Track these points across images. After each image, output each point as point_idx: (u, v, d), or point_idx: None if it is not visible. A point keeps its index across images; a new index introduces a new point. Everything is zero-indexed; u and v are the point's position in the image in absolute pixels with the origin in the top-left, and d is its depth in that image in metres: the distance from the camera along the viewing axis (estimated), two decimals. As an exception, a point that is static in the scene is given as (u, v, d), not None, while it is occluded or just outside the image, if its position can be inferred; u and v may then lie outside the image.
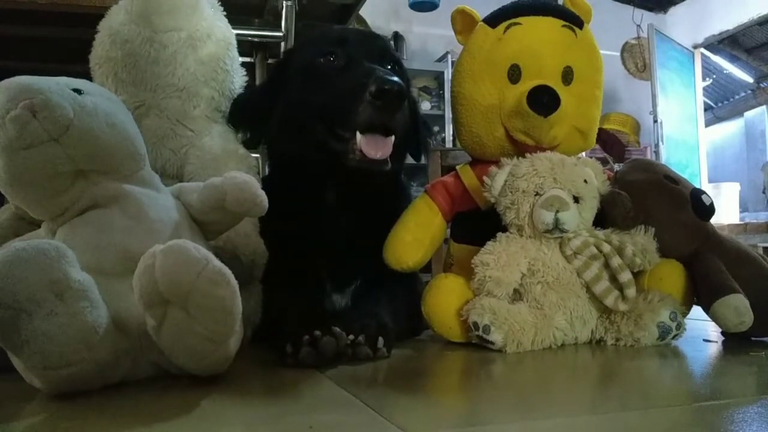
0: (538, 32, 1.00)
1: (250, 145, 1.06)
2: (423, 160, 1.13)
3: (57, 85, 0.68)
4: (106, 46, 0.97)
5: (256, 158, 1.48)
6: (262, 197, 0.77)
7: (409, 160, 1.13)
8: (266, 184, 0.81)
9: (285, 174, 1.05)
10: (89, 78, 0.95)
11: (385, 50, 1.03)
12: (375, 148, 0.89)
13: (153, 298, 0.59)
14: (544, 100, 0.94)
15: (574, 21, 1.02)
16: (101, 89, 0.78)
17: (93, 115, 0.69)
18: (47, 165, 0.67)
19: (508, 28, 1.00)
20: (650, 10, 4.72)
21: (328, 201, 1.01)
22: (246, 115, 1.05)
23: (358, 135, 0.90)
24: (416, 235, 1.00)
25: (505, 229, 0.92)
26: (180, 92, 0.98)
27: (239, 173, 0.78)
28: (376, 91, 0.87)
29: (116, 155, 0.72)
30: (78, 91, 0.70)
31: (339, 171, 0.94)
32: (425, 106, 3.92)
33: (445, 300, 0.90)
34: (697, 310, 0.93)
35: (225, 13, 1.07)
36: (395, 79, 0.88)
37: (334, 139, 0.94)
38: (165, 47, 0.96)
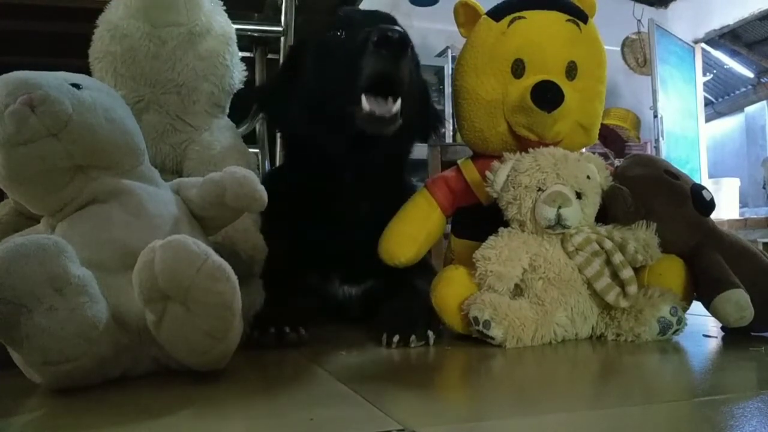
0: (542, 26, 0.99)
1: (272, 128, 1.13)
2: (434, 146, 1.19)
3: (56, 80, 0.68)
4: (105, 41, 0.96)
5: (256, 154, 1.48)
6: (262, 192, 0.77)
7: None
8: (279, 172, 0.85)
9: (302, 158, 1.07)
10: (88, 73, 0.94)
11: (390, 21, 1.02)
12: (380, 105, 0.89)
13: (152, 293, 0.59)
14: (547, 96, 0.93)
15: (579, 15, 1.01)
16: (100, 84, 0.78)
17: (92, 110, 0.69)
18: (46, 160, 0.67)
19: (512, 21, 0.99)
20: (651, 4, 4.70)
21: (345, 184, 1.02)
22: (270, 101, 1.11)
23: (363, 97, 0.89)
24: (411, 230, 1.00)
25: (506, 225, 0.92)
26: (179, 87, 0.98)
27: (239, 168, 0.78)
28: (378, 39, 0.86)
29: (115, 150, 0.72)
30: (77, 86, 0.70)
31: (354, 147, 0.96)
32: (425, 101, 3.91)
33: (455, 291, 0.89)
34: (696, 306, 0.93)
35: (224, 7, 1.07)
36: (397, 27, 0.88)
37: (338, 107, 0.94)
38: (164, 42, 0.96)
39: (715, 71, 5.08)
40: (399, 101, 0.91)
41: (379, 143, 0.96)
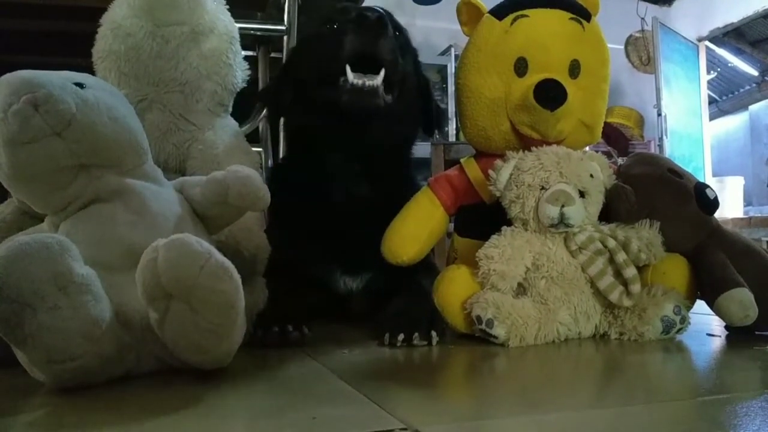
0: (545, 25, 0.99)
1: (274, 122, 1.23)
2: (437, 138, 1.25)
3: (59, 79, 0.68)
4: (108, 40, 0.97)
5: (259, 152, 1.49)
6: (265, 191, 0.77)
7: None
8: (282, 164, 0.88)
9: (300, 147, 1.11)
10: (92, 72, 0.94)
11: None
12: (363, 78, 0.94)
13: (156, 292, 0.59)
14: (550, 94, 0.93)
15: (582, 13, 1.01)
16: (104, 83, 0.78)
17: (95, 109, 0.69)
18: (50, 159, 0.67)
19: (515, 20, 0.99)
20: (655, 2, 4.69)
21: (340, 169, 1.04)
22: (272, 98, 1.15)
23: (348, 69, 0.94)
24: (414, 229, 1.00)
25: (509, 223, 0.92)
26: (182, 86, 0.98)
27: (242, 167, 0.78)
28: (355, 17, 0.92)
29: (119, 149, 0.72)
30: (80, 85, 0.70)
31: (346, 129, 0.99)
32: (428, 100, 3.91)
33: (458, 290, 0.89)
34: (700, 305, 0.93)
35: (227, 6, 1.07)
36: (378, 8, 0.93)
37: (326, 87, 0.98)
38: (167, 41, 0.96)
39: (719, 69, 5.06)
40: (381, 75, 0.95)
41: (372, 127, 0.99)
